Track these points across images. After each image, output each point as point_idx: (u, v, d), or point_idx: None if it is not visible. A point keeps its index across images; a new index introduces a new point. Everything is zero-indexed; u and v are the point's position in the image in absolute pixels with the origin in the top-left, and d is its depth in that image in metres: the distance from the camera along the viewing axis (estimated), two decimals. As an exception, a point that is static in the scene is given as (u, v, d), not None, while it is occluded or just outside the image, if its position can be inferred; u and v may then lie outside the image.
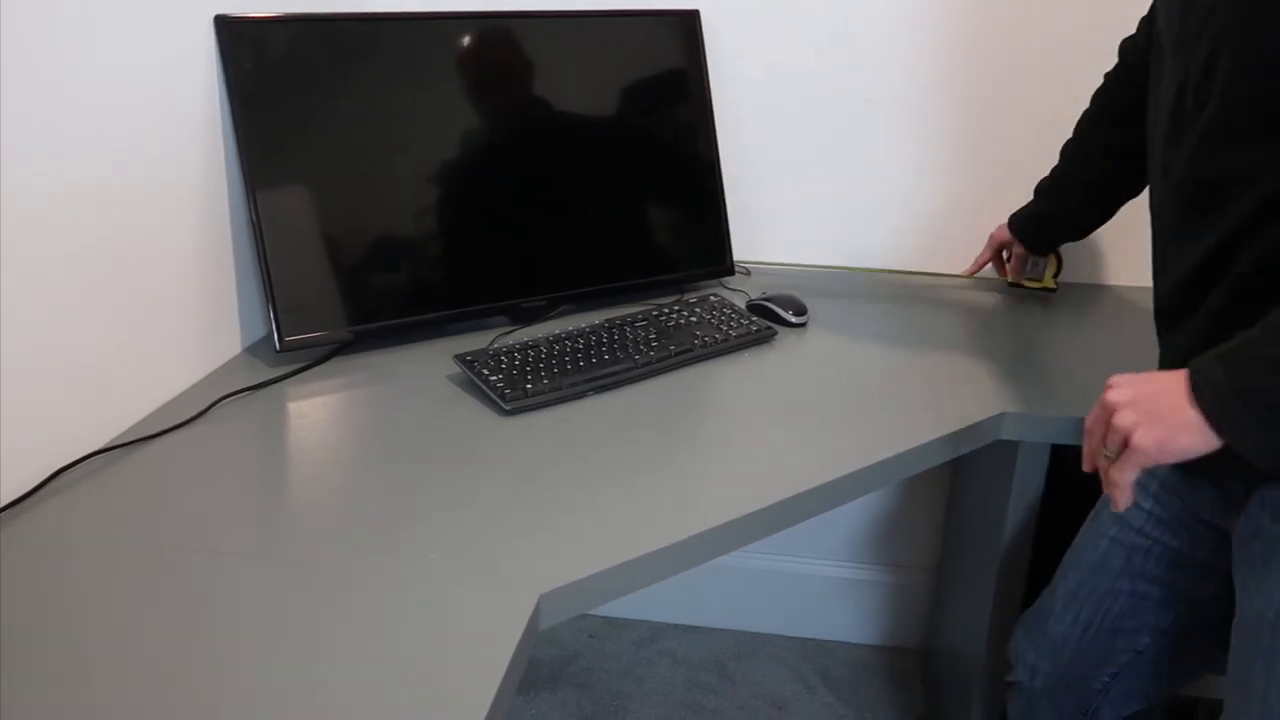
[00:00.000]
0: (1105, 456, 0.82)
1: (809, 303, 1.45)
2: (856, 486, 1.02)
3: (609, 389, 1.19)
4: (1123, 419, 0.79)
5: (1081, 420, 0.88)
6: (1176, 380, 0.78)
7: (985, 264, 1.55)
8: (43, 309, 0.96)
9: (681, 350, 1.26)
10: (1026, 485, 1.23)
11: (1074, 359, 1.30)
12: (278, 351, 1.24)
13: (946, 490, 1.78)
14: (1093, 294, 1.57)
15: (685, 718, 1.73)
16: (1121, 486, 0.81)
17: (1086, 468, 0.86)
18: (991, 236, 1.52)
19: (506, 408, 1.12)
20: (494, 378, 1.16)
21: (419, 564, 0.84)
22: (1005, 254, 1.54)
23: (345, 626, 0.76)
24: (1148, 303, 1.01)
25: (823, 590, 1.89)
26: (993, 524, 1.32)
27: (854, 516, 1.84)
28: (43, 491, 0.95)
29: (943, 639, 1.69)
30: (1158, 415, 0.78)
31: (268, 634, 0.75)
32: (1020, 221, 1.46)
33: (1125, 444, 0.79)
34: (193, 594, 0.80)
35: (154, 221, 1.12)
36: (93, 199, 1.02)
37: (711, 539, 0.91)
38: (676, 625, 1.96)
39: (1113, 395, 0.81)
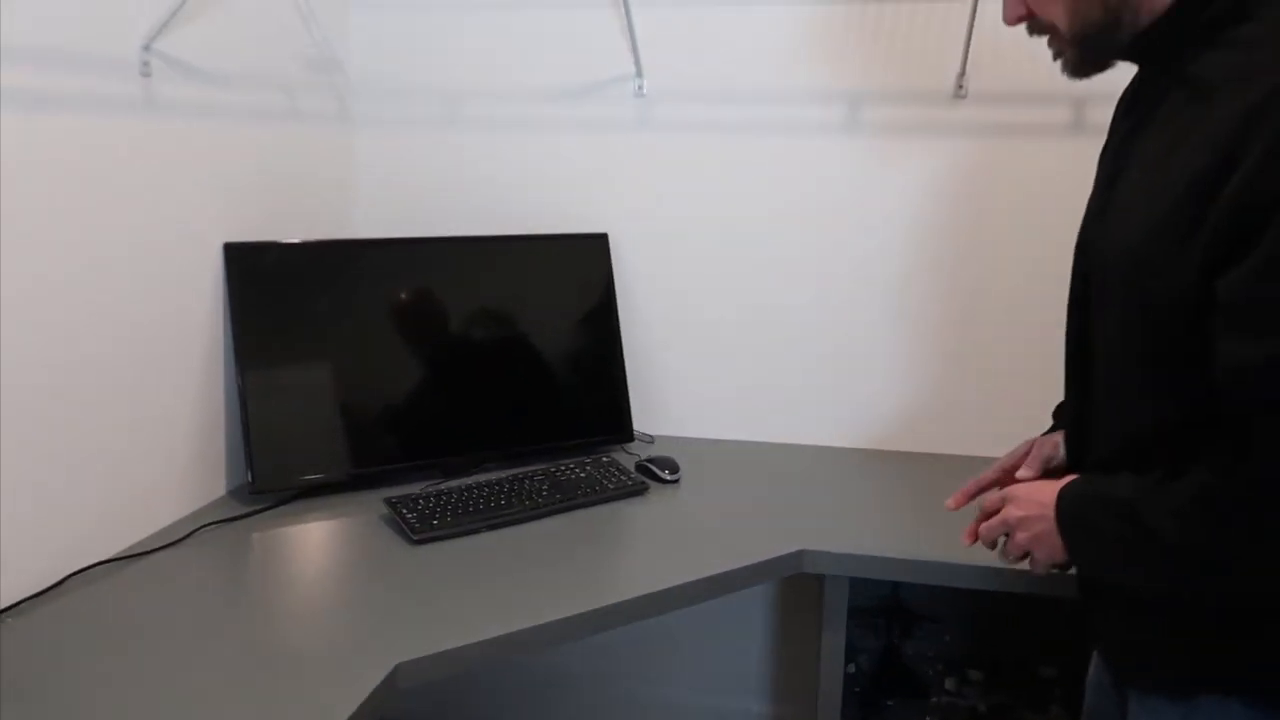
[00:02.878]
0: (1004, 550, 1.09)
1: (690, 466, 1.80)
2: (671, 600, 1.34)
3: (500, 527, 1.52)
4: (1019, 540, 1.05)
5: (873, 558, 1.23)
6: (1051, 505, 1.00)
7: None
8: (66, 441, 1.33)
9: (566, 499, 1.60)
10: (832, 614, 1.52)
11: (874, 506, 1.61)
12: (251, 494, 1.60)
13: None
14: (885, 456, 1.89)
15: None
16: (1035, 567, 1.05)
17: (967, 542, 1.14)
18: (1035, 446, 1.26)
19: (414, 538, 1.46)
20: (410, 515, 1.50)
21: (318, 637, 1.17)
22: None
23: (245, 680, 1.08)
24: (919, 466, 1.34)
25: (728, 723, 2.13)
26: (811, 655, 1.60)
27: (747, 655, 2.10)
28: (60, 588, 1.29)
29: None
30: (1041, 539, 1.02)
31: (223, 696, 1.08)
32: None
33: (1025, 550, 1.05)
34: (165, 680, 1.13)
35: (165, 386, 1.51)
36: (118, 362, 1.41)
37: (543, 631, 1.23)
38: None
39: (1011, 513, 1.06)
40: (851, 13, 1.81)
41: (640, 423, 2.00)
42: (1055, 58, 1.04)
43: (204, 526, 1.51)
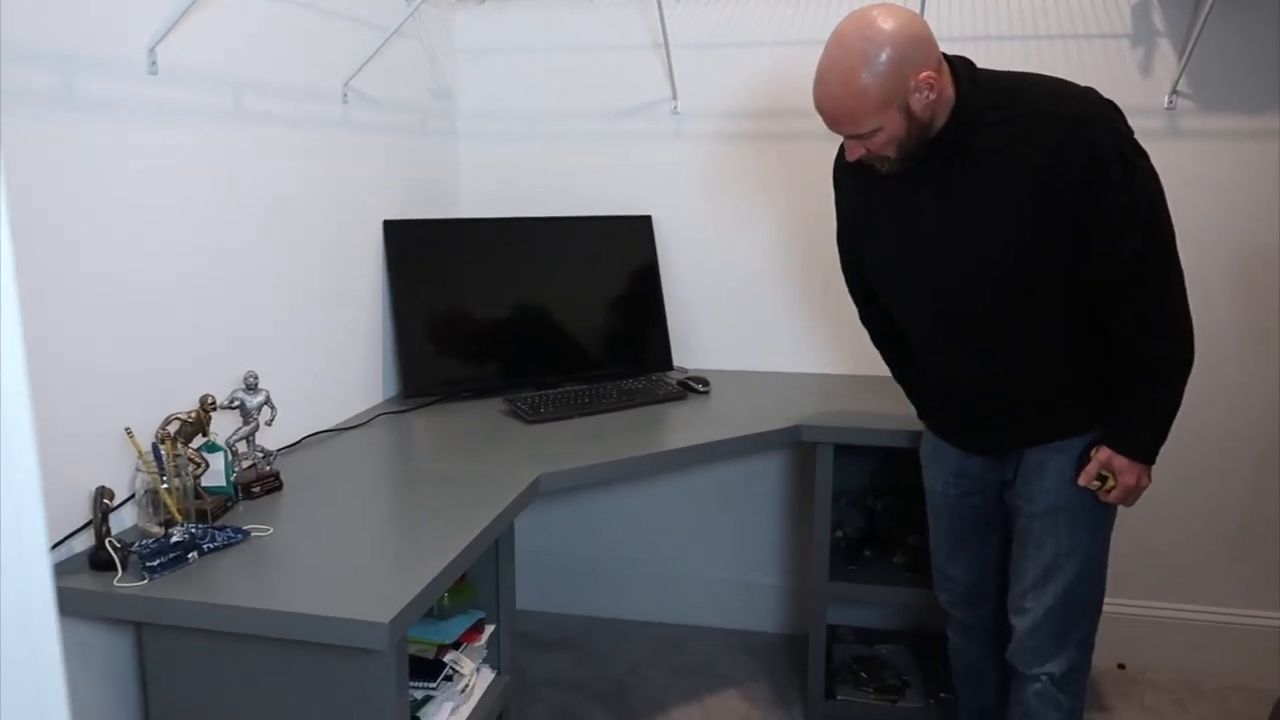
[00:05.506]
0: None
1: (717, 384, 2.44)
2: (705, 453, 1.98)
3: (586, 415, 2.17)
4: (1137, 495, 1.64)
5: (849, 428, 1.87)
6: (1145, 463, 1.61)
7: None
8: (304, 352, 1.98)
9: (630, 400, 2.25)
10: (822, 480, 2.15)
11: (850, 405, 2.24)
12: (405, 398, 2.25)
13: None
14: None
15: (655, 668, 2.58)
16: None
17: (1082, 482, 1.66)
18: None
19: (529, 418, 2.10)
20: (524, 407, 2.15)
21: (479, 467, 1.81)
22: None
23: (440, 487, 1.73)
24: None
25: (748, 593, 2.76)
26: (806, 519, 2.23)
27: (764, 538, 2.73)
28: (300, 444, 1.94)
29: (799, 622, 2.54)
30: (1142, 486, 1.63)
31: (425, 498, 1.72)
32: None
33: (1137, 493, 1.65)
34: (382, 495, 1.77)
35: (351, 318, 2.16)
36: (325, 298, 2.06)
37: (627, 464, 1.87)
38: (645, 622, 2.82)
39: (1135, 484, 1.62)
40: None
41: (678, 358, 2.65)
42: (880, 167, 1.59)
43: (379, 415, 2.16)
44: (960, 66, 1.57)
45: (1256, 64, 2.27)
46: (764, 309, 2.64)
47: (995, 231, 1.56)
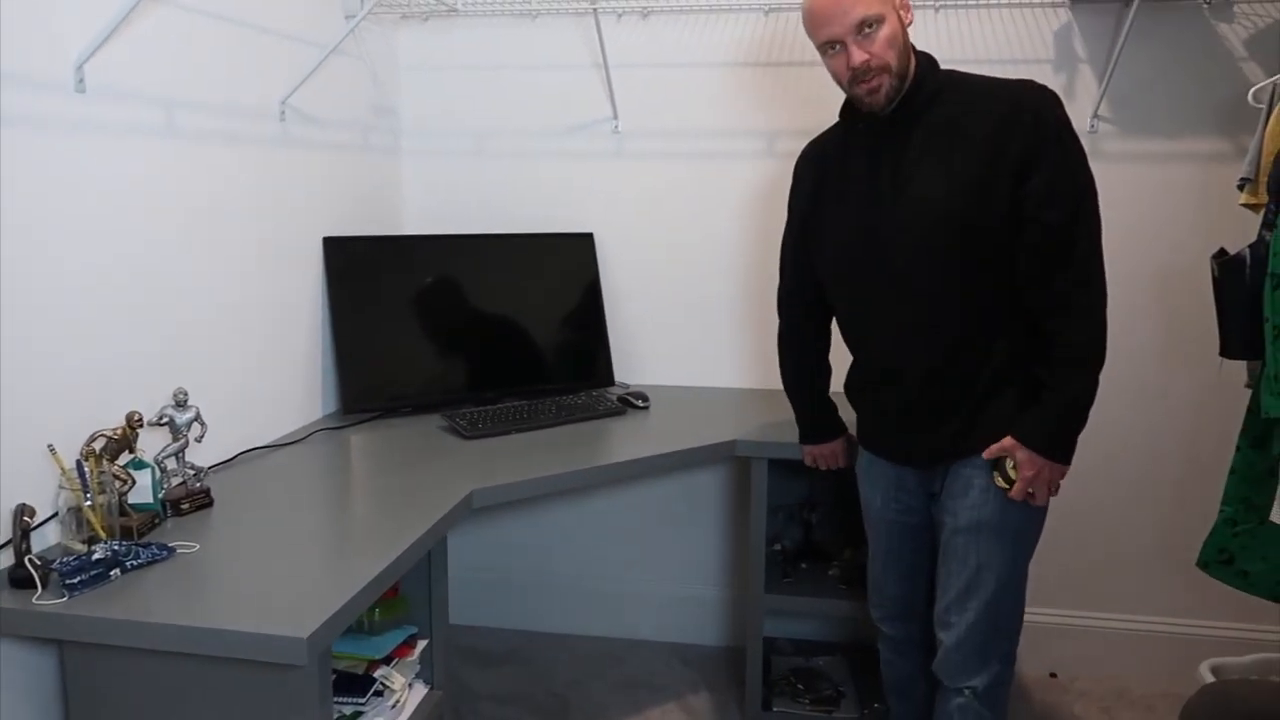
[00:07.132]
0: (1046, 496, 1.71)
1: (656, 399, 2.47)
2: (641, 468, 2.01)
3: (525, 431, 2.18)
4: (1052, 490, 1.69)
5: (780, 444, 1.93)
6: (1046, 457, 1.65)
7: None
8: (237, 371, 1.98)
9: (568, 415, 2.27)
10: (757, 494, 2.18)
11: (782, 421, 2.28)
12: (343, 414, 2.25)
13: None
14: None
15: (596, 681, 2.60)
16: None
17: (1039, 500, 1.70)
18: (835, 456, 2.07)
19: (467, 435, 2.12)
20: (462, 423, 2.16)
21: (413, 482, 1.82)
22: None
23: (373, 503, 1.74)
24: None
25: (688, 606, 2.79)
26: (744, 533, 2.26)
27: (703, 552, 2.76)
28: (235, 460, 1.94)
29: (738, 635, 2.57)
30: (1054, 479, 1.68)
31: (358, 514, 1.73)
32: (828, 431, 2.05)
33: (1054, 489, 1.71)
34: (313, 511, 1.78)
35: (289, 335, 2.16)
36: (263, 316, 2.06)
37: (560, 479, 1.89)
38: (585, 636, 2.84)
39: (1033, 477, 1.66)
40: (767, 72, 2.53)
41: (620, 374, 2.68)
42: (871, 94, 1.67)
43: (317, 431, 2.16)
44: (919, 52, 1.72)
45: (1173, 89, 2.36)
46: (704, 326, 2.68)
47: (945, 198, 1.64)
